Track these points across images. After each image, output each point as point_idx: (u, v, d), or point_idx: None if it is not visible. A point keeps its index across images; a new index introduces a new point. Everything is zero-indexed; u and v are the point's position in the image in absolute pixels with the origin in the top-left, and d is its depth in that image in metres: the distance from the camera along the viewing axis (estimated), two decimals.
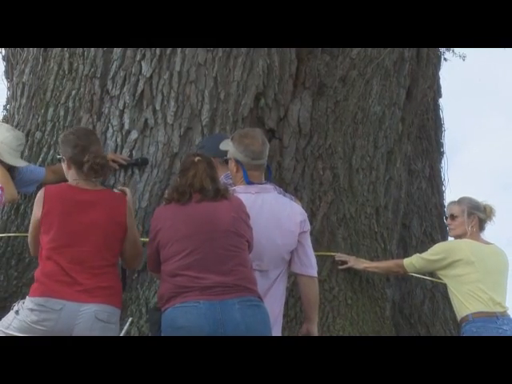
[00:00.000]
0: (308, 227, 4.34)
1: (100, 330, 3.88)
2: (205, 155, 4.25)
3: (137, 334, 4.94)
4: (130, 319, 4.69)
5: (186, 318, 3.68)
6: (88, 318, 3.86)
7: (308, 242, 4.33)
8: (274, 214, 4.22)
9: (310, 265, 4.30)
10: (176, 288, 3.79)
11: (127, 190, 4.38)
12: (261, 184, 4.31)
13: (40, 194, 4.09)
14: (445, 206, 7.34)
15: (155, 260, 4.01)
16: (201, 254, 3.83)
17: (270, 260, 4.18)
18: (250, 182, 4.27)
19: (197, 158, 4.13)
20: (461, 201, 5.32)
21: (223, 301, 3.73)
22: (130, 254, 4.21)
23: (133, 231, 4.25)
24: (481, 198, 5.37)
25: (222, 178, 4.53)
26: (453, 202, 5.39)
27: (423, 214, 7.07)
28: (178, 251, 3.85)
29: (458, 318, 5.03)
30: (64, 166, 4.30)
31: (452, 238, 5.53)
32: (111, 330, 3.97)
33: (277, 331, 4.15)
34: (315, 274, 4.34)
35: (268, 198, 4.27)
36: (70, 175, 4.22)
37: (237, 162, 4.30)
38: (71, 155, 4.20)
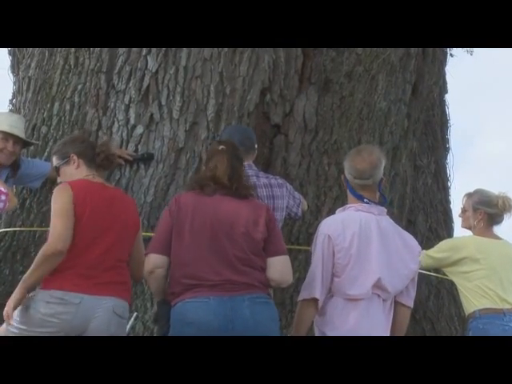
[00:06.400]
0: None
1: (116, 326, 3.89)
2: (232, 143, 4.17)
3: (142, 329, 4.96)
4: (135, 314, 4.70)
5: (196, 313, 3.66)
6: (106, 311, 3.85)
7: (416, 275, 4.24)
8: (405, 241, 4.17)
9: (413, 297, 4.23)
10: (187, 282, 3.75)
11: None
12: (377, 205, 4.16)
13: (65, 186, 3.99)
14: (450, 202, 7.36)
15: (165, 239, 3.87)
16: (214, 251, 3.80)
17: (400, 286, 4.12)
18: (360, 196, 4.13)
19: (221, 147, 4.04)
20: (471, 194, 5.21)
21: (233, 297, 3.72)
22: (137, 257, 4.16)
23: (141, 235, 4.27)
24: (496, 188, 5.26)
25: (246, 167, 4.48)
26: (466, 195, 5.29)
27: (428, 210, 7.06)
28: (191, 244, 3.81)
29: (466, 314, 5.00)
30: (68, 167, 4.20)
31: (461, 231, 5.48)
32: (124, 326, 4.02)
33: None
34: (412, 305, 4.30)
35: (389, 222, 4.19)
36: (79, 172, 4.14)
37: (344, 177, 4.21)
38: (81, 149, 4.17)
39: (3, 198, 4.63)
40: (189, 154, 5.48)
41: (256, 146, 4.94)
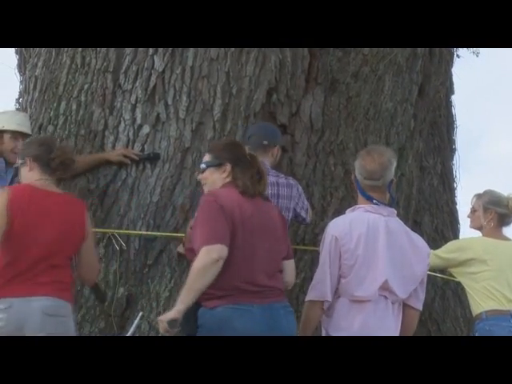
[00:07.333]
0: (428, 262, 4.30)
1: (52, 326, 3.85)
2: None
3: (147, 329, 4.96)
4: (141, 314, 4.70)
5: (241, 321, 3.64)
6: (36, 314, 3.84)
7: (426, 277, 4.25)
8: (414, 243, 4.17)
9: (421, 300, 4.24)
10: (233, 285, 3.70)
11: None
12: (386, 206, 4.16)
13: (2, 191, 4.01)
14: (456, 203, 7.34)
15: (228, 232, 3.71)
16: (257, 253, 3.78)
17: (408, 288, 4.13)
18: (369, 197, 4.13)
19: (248, 149, 4.12)
20: (481, 195, 5.20)
21: (270, 304, 3.73)
22: (86, 262, 4.18)
23: (91, 240, 4.27)
24: (503, 189, 5.25)
25: None
26: (475, 195, 5.28)
27: (434, 210, 7.04)
28: (243, 245, 3.75)
29: (473, 315, 5.00)
30: (23, 169, 4.22)
31: (467, 232, 5.46)
32: (64, 324, 3.95)
33: None
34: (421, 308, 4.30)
35: (399, 224, 4.20)
36: (32, 176, 4.14)
37: (355, 177, 4.21)
38: (37, 153, 4.16)
39: None
40: (195, 153, 5.47)
41: (266, 142, 4.91)
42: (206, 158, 4.09)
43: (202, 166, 4.09)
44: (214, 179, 4.01)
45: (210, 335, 3.64)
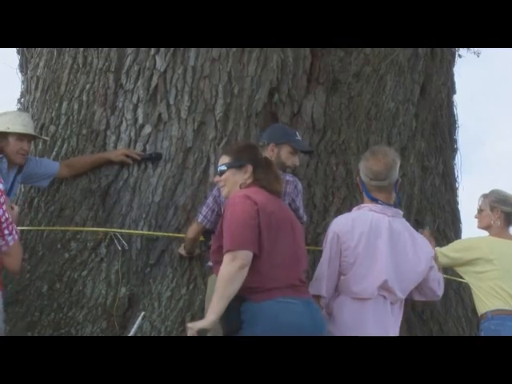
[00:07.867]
0: (433, 263, 4.30)
1: None
2: None
3: (149, 329, 4.96)
4: (142, 313, 4.71)
5: (289, 314, 3.67)
6: None
7: (431, 274, 4.27)
8: (417, 245, 4.19)
9: (437, 290, 4.32)
10: (278, 282, 3.72)
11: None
12: (391, 207, 4.20)
13: None
14: (458, 203, 7.34)
15: (257, 236, 3.72)
16: (297, 249, 3.86)
17: (407, 289, 4.16)
18: (374, 199, 4.17)
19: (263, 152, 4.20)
20: (488, 194, 5.19)
21: (307, 299, 3.80)
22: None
23: None
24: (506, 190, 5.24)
25: None
26: (482, 195, 5.27)
27: (436, 210, 7.03)
28: (281, 243, 3.78)
29: (478, 314, 4.99)
30: None
31: (469, 232, 5.45)
32: None
33: None
34: (436, 297, 4.37)
35: (403, 225, 4.22)
36: None
37: (360, 179, 4.25)
38: None
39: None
40: (197, 153, 5.48)
41: (260, 144, 4.91)
42: (225, 160, 4.08)
43: (222, 167, 4.07)
44: (235, 180, 4.02)
45: (255, 329, 3.63)
